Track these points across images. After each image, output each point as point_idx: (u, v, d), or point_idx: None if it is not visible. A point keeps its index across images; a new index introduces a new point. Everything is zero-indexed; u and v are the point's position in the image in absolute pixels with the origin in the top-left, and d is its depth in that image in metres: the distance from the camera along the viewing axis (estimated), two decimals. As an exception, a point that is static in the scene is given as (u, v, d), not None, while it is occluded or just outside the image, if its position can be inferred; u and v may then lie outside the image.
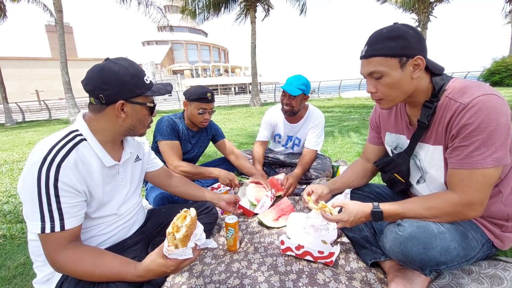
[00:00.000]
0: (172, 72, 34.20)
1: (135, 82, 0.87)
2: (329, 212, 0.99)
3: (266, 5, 13.00)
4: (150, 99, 0.94)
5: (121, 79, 0.84)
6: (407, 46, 0.83)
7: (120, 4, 10.88)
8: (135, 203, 1.07)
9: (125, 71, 0.85)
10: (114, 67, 0.84)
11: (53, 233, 0.75)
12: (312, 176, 1.96)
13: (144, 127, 0.97)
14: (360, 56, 0.93)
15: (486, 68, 15.30)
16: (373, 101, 0.98)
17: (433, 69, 0.89)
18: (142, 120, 0.94)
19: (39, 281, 0.87)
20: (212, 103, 1.75)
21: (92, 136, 0.87)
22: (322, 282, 1.02)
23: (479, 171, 0.80)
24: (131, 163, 1.05)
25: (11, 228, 1.70)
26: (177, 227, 0.73)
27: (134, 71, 0.87)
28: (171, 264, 0.75)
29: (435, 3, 12.50)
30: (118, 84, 0.84)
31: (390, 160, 1.10)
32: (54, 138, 0.81)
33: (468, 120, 0.78)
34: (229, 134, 5.02)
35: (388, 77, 0.87)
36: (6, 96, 11.53)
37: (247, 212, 1.60)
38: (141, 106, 0.91)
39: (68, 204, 0.77)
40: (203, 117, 1.74)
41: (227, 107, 13.90)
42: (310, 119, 2.08)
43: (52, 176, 0.74)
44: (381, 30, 0.88)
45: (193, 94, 1.70)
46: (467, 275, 0.98)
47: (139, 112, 0.91)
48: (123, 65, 0.86)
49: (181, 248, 0.73)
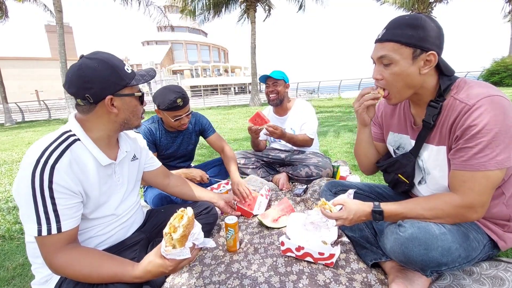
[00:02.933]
0: (172, 72, 34.17)
1: (117, 75, 0.84)
2: (328, 210, 0.99)
3: (266, 5, 13.01)
4: (137, 88, 0.92)
5: (102, 74, 0.81)
6: (425, 38, 0.81)
7: (121, 4, 10.88)
8: (133, 203, 1.06)
9: (103, 65, 0.82)
10: (91, 63, 0.81)
11: (50, 235, 0.74)
12: (313, 174, 1.96)
13: (138, 118, 0.95)
14: (376, 40, 0.90)
15: (486, 68, 15.31)
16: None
17: (444, 69, 0.87)
18: (134, 111, 0.92)
19: (38, 283, 0.86)
20: (186, 107, 1.59)
21: (86, 135, 0.86)
22: (323, 283, 1.01)
23: (482, 173, 0.78)
24: (127, 162, 1.03)
25: (10, 229, 1.70)
26: (174, 227, 0.72)
27: (112, 63, 0.84)
28: (169, 265, 0.74)
29: (435, 3, 12.51)
30: (101, 80, 0.81)
31: (394, 160, 1.08)
32: (47, 139, 0.80)
33: (473, 122, 0.77)
34: (229, 134, 5.02)
35: (397, 65, 0.85)
36: (6, 96, 11.54)
37: (246, 213, 1.59)
38: (130, 98, 0.89)
39: (64, 206, 0.76)
40: (180, 123, 1.62)
41: (227, 107, 13.90)
42: (296, 108, 2.20)
43: (46, 178, 0.73)
44: (403, 16, 0.86)
45: (162, 104, 1.53)
46: (468, 276, 0.98)
47: (129, 104, 0.89)
48: (100, 59, 0.83)
49: (179, 248, 0.72)
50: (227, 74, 37.14)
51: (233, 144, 3.80)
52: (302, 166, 2.01)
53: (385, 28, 0.87)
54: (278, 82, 2.09)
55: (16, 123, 11.86)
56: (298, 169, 2.01)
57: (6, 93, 11.66)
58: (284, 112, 2.23)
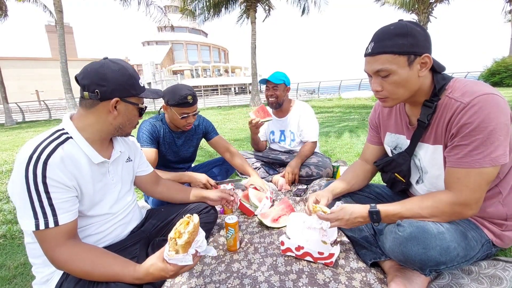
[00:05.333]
0: (172, 72, 34.18)
1: (132, 83, 0.91)
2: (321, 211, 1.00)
3: (266, 6, 13.02)
4: (142, 101, 0.98)
5: (120, 78, 0.88)
6: (416, 43, 0.82)
7: (121, 4, 10.89)
8: (128, 202, 1.07)
9: (124, 71, 0.89)
10: (113, 66, 0.88)
11: (48, 229, 0.75)
12: (313, 173, 1.96)
13: (132, 127, 1.00)
14: (366, 53, 0.90)
15: (487, 68, 15.30)
16: (373, 101, 0.98)
17: (437, 67, 0.89)
18: (131, 119, 0.97)
19: (39, 282, 0.87)
20: (194, 106, 1.59)
21: (79, 134, 0.87)
22: (322, 282, 1.02)
23: (477, 170, 0.80)
24: (122, 162, 1.05)
25: (11, 228, 1.70)
26: (180, 232, 0.73)
27: (132, 73, 0.91)
28: (171, 269, 0.75)
29: (435, 3, 12.52)
30: (116, 82, 0.87)
31: (390, 160, 1.09)
32: (40, 137, 0.81)
33: (468, 119, 0.79)
34: (229, 134, 5.03)
35: (395, 75, 0.85)
36: (6, 96, 11.54)
37: (248, 211, 1.60)
38: (133, 106, 0.94)
39: (59, 200, 0.77)
40: (186, 121, 1.61)
41: (227, 107, 13.90)
42: (296, 110, 2.19)
43: (39, 173, 0.74)
44: (388, 27, 0.86)
45: (172, 99, 1.54)
46: (466, 275, 0.98)
47: (130, 112, 0.94)
48: (122, 66, 0.90)
49: (182, 254, 0.72)
50: (227, 74, 37.16)
51: (233, 144, 3.80)
52: (302, 166, 2.01)
53: (372, 41, 0.87)
54: (278, 86, 2.07)
55: (17, 123, 11.87)
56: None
57: (7, 93, 11.66)
58: (283, 114, 2.24)
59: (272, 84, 2.07)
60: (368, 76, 0.94)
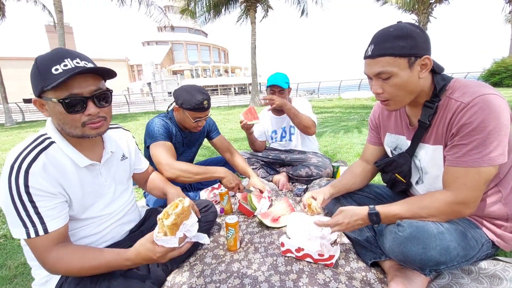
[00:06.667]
0: (172, 72, 34.17)
1: (39, 75, 0.75)
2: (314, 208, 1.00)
3: (265, 6, 13.03)
4: (62, 92, 0.74)
5: (32, 75, 0.77)
6: (416, 45, 0.82)
7: (117, 5, 10.90)
8: (125, 201, 1.05)
9: (34, 65, 0.77)
10: (33, 65, 0.78)
11: (38, 237, 0.74)
12: (313, 174, 1.96)
13: (74, 128, 0.80)
14: (365, 56, 0.90)
15: (486, 69, 15.31)
16: (373, 102, 0.98)
17: (436, 68, 0.89)
18: (62, 119, 0.78)
19: (38, 283, 0.87)
20: (208, 110, 1.59)
21: (61, 137, 0.83)
22: (322, 282, 1.02)
23: (475, 170, 0.80)
24: (116, 162, 1.01)
25: (12, 228, 1.70)
26: (167, 214, 0.73)
27: (39, 62, 0.75)
28: (158, 251, 0.75)
29: (435, 3, 12.52)
30: (31, 81, 0.78)
31: (391, 160, 1.10)
32: (23, 144, 0.79)
33: (468, 119, 0.79)
34: (229, 134, 5.03)
35: (396, 77, 0.85)
36: (6, 96, 11.52)
37: (248, 212, 1.60)
38: (53, 103, 0.76)
39: (45, 208, 0.75)
40: (197, 124, 1.59)
41: (227, 107, 13.90)
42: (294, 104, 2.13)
43: (21, 183, 0.72)
44: (387, 29, 0.86)
45: (187, 103, 1.49)
46: (466, 275, 0.99)
47: (53, 110, 0.78)
48: (35, 61, 0.77)
49: (170, 236, 0.73)
50: (227, 75, 37.14)
51: (233, 144, 3.78)
52: (302, 166, 2.01)
53: (372, 44, 0.87)
54: (285, 91, 2.04)
55: (17, 123, 11.85)
56: (298, 169, 2.02)
57: (6, 93, 11.64)
58: (282, 111, 2.20)
59: (279, 88, 2.02)
60: (368, 78, 0.94)
